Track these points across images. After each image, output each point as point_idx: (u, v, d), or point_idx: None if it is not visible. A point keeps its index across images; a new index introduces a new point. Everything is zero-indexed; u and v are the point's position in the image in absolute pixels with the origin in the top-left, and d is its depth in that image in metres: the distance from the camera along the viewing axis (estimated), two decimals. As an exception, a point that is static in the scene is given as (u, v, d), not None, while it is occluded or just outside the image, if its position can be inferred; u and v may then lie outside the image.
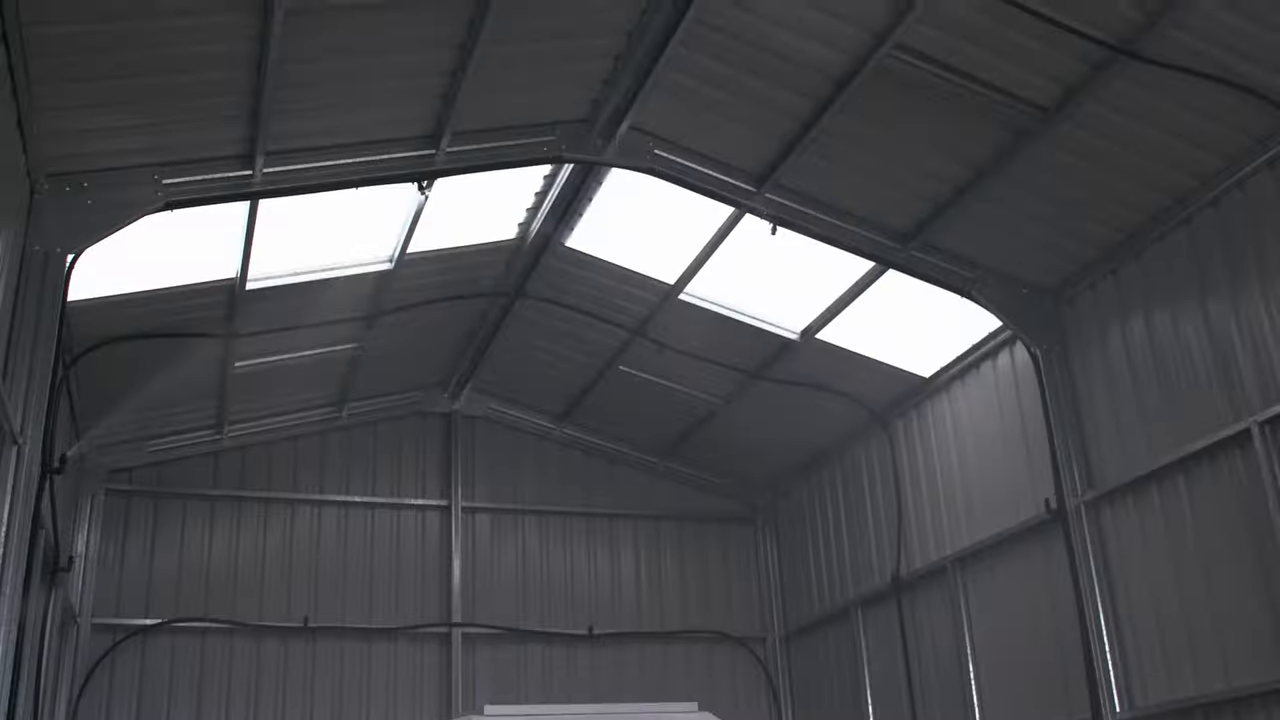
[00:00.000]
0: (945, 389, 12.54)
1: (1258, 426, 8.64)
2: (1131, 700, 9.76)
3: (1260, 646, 8.64)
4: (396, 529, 14.70)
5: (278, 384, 13.29)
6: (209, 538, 13.93)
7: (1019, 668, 11.20)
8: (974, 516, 11.94)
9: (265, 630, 13.74)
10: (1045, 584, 10.91)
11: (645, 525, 15.71)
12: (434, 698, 14.07)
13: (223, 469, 14.19)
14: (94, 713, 12.87)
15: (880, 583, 13.36)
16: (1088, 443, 10.48)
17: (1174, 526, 9.49)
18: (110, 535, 13.49)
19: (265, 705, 13.50)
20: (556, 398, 14.97)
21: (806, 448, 14.81)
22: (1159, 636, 9.55)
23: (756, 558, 15.96)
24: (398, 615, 14.27)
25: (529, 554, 15.12)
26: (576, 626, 14.83)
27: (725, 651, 15.41)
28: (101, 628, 13.14)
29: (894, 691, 13.07)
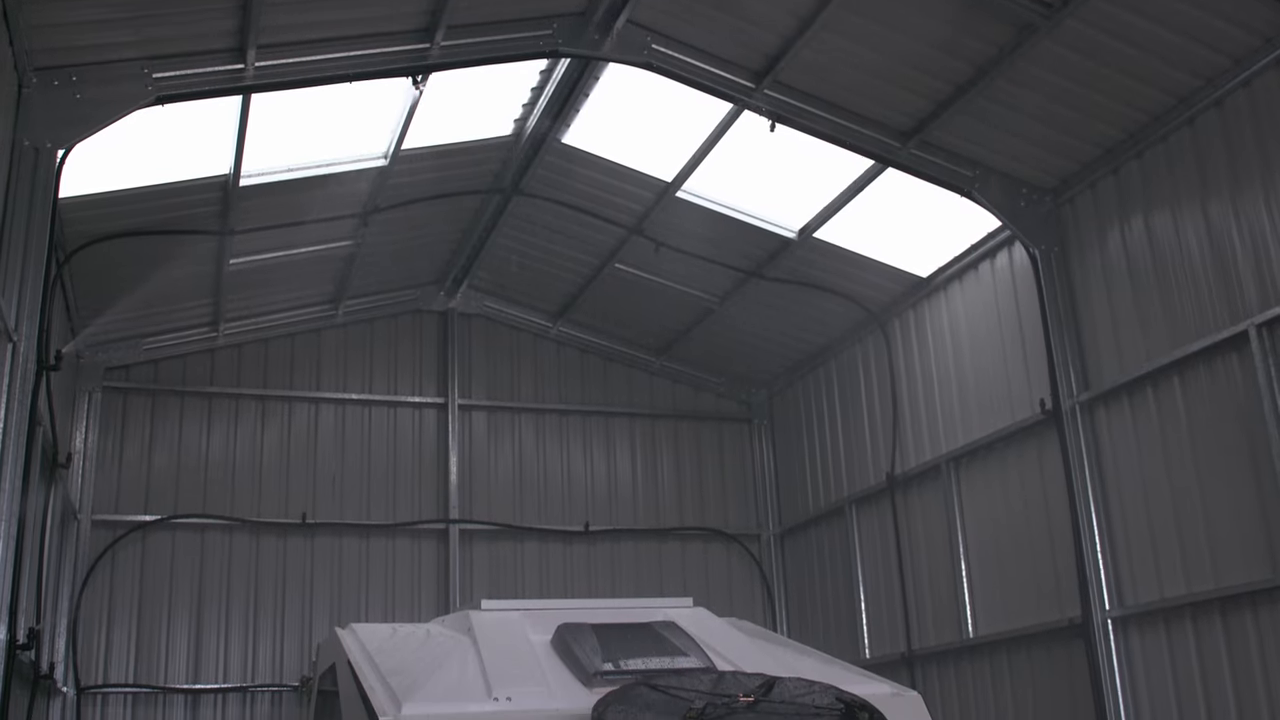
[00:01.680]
0: (943, 289, 12.51)
1: (1255, 329, 8.64)
2: (1121, 599, 9.90)
3: (1249, 548, 8.74)
4: (393, 427, 14.76)
5: (273, 282, 13.25)
6: (206, 435, 13.99)
7: (1011, 566, 11.33)
8: (969, 416, 11.99)
9: (264, 526, 13.86)
10: (1039, 484, 11.00)
11: (641, 423, 15.77)
12: (432, 593, 14.24)
13: (219, 366, 14.20)
14: (96, 607, 13.04)
15: (875, 481, 13.46)
16: (1084, 344, 10.49)
17: (1168, 428, 9.53)
18: (108, 432, 13.54)
19: (265, 600, 13.68)
20: (553, 296, 14.93)
21: (803, 347, 14.83)
22: (1150, 537, 9.65)
23: (752, 456, 16.06)
24: (395, 512, 14.38)
25: (525, 452, 15.20)
26: (573, 523, 14.97)
27: (720, 548, 15.57)
28: (101, 524, 13.24)
29: (887, 589, 13.24)
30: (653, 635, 8.40)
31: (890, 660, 12.75)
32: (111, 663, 13.01)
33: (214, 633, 13.43)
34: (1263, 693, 8.58)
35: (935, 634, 12.35)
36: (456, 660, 7.96)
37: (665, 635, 8.44)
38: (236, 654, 13.45)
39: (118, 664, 13.02)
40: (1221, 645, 8.95)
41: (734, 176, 11.78)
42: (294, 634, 13.66)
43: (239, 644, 13.49)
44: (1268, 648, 8.57)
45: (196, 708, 13.16)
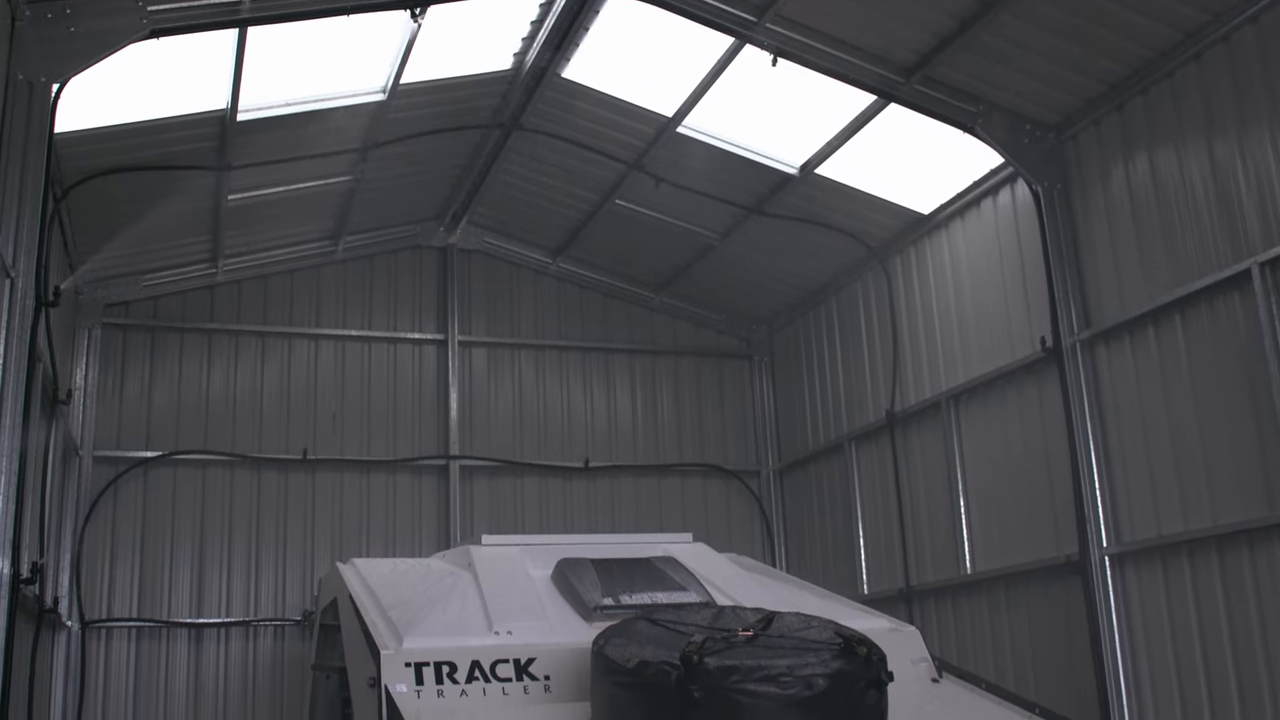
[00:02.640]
0: (944, 226, 12.45)
1: (1258, 267, 8.60)
2: (1119, 536, 9.94)
3: (1247, 486, 8.76)
4: (393, 363, 14.75)
5: (272, 218, 13.19)
6: (207, 371, 13.99)
7: (1009, 504, 11.37)
8: (969, 354, 11.98)
9: (265, 463, 13.90)
10: (1038, 422, 11.01)
11: (641, 360, 15.77)
12: (432, 528, 14.31)
13: (219, 303, 14.16)
14: (99, 543, 13.11)
15: (874, 418, 13.48)
16: (1086, 281, 10.45)
17: (1169, 367, 9.52)
18: (108, 369, 13.54)
19: (266, 535, 13.75)
20: (553, 232, 14.87)
21: (804, 284, 14.79)
22: (1148, 475, 9.67)
23: (751, 392, 16.08)
24: (395, 448, 14.42)
25: (525, 388, 15.21)
26: (573, 459, 15.01)
27: (719, 485, 15.63)
28: (103, 460, 13.28)
29: (885, 525, 13.30)
30: (652, 570, 8.46)
31: (888, 596, 12.83)
32: (115, 597, 13.10)
33: (216, 568, 13.52)
34: (1257, 629, 8.65)
35: (933, 570, 12.42)
36: (457, 595, 8.01)
37: (665, 570, 8.49)
38: (239, 589, 13.54)
39: (121, 598, 13.11)
40: (1217, 582, 9.00)
41: (735, 112, 11.67)
42: (296, 569, 13.75)
43: (241, 579, 13.58)
44: (1263, 585, 8.62)
45: (200, 641, 13.27)
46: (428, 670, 6.86)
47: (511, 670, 7.04)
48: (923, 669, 7.86)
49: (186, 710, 13.03)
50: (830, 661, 6.19)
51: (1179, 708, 9.29)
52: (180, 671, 13.12)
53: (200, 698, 13.10)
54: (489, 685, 6.93)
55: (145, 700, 12.95)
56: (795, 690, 5.96)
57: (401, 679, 6.75)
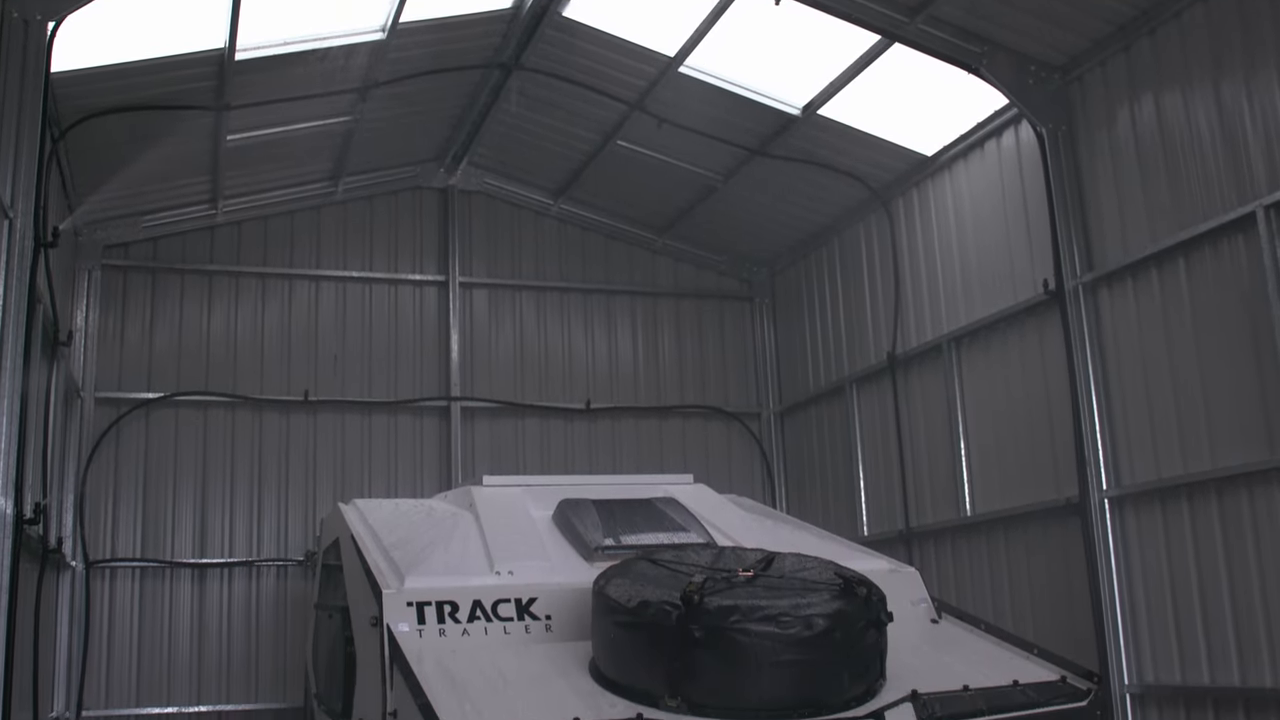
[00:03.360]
0: (947, 168, 12.38)
1: (1263, 210, 8.55)
2: (1119, 479, 9.96)
3: (1247, 429, 8.77)
4: (394, 304, 14.73)
5: (271, 158, 13.12)
6: (207, 313, 13.97)
7: (1009, 446, 11.39)
8: (971, 296, 11.95)
9: (266, 404, 13.92)
10: (1039, 365, 11.00)
11: (642, 301, 15.74)
12: (434, 469, 14.36)
13: (219, 244, 14.12)
14: (102, 484, 13.16)
15: (875, 361, 13.48)
16: (1089, 224, 10.40)
17: (1171, 310, 9.50)
18: (109, 310, 13.52)
19: (269, 476, 13.80)
20: (554, 173, 14.79)
21: (806, 226, 14.73)
22: (1149, 418, 9.68)
23: (753, 335, 16.07)
24: (397, 390, 14.43)
25: (526, 329, 15.20)
26: (574, 401, 15.03)
27: (720, 426, 15.66)
28: (105, 402, 13.30)
29: (886, 467, 13.33)
30: (653, 511, 8.49)
31: (888, 537, 12.89)
32: (119, 538, 13.17)
33: (219, 508, 13.58)
34: (1255, 571, 8.69)
35: (933, 512, 12.47)
36: (458, 535, 8.05)
37: (665, 511, 8.52)
38: (241, 529, 13.61)
39: (124, 539, 13.18)
40: (1216, 525, 9.03)
41: (738, 52, 11.56)
42: (298, 510, 13.81)
43: (244, 519, 13.64)
44: (1261, 528, 8.65)
45: (203, 581, 13.36)
46: (429, 610, 6.90)
47: (513, 610, 7.09)
48: (922, 610, 7.92)
49: (191, 648, 13.14)
50: (830, 602, 6.23)
51: (1175, 649, 9.36)
52: (184, 611, 13.22)
53: (204, 637, 13.21)
54: (490, 625, 6.98)
55: (150, 639, 13.05)
56: (795, 630, 6.00)
57: (403, 618, 6.80)
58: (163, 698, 12.97)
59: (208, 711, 13.07)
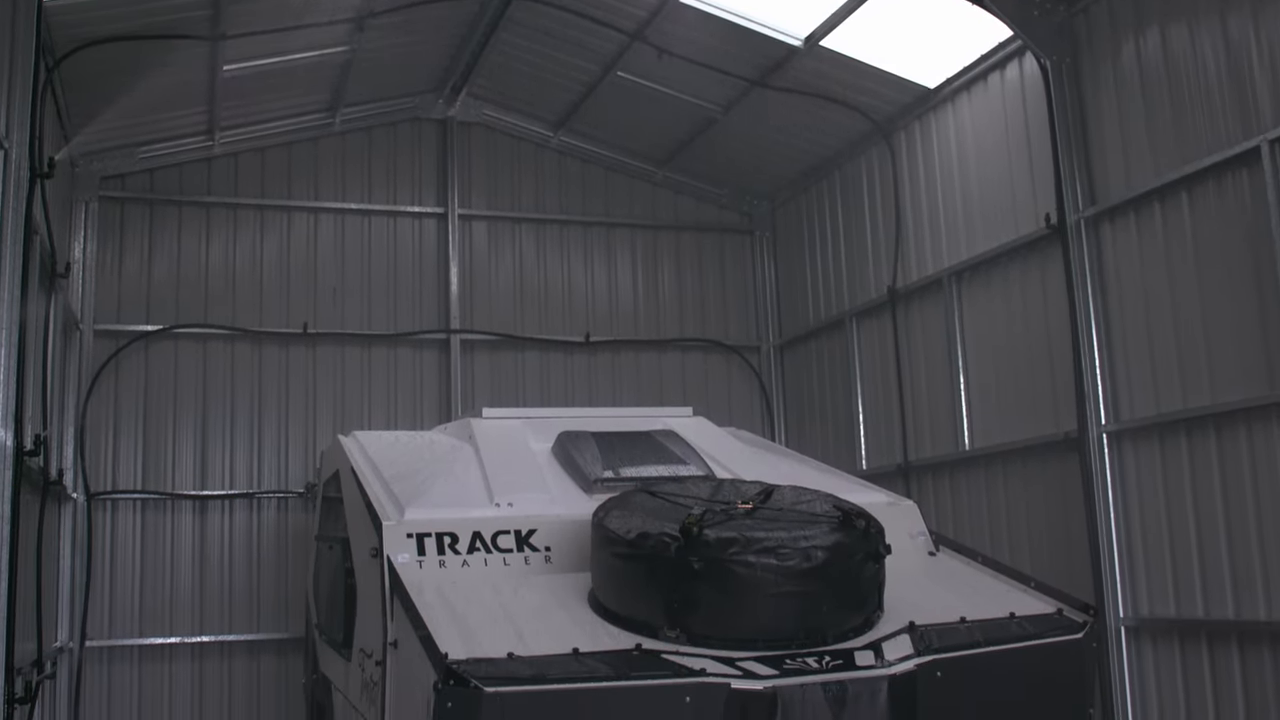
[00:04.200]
0: (950, 100, 12.27)
1: (1267, 145, 8.48)
2: (1117, 414, 9.97)
3: (1247, 365, 8.76)
4: (393, 236, 14.67)
5: (269, 89, 12.99)
6: (205, 245, 13.92)
7: (1009, 381, 11.39)
8: (973, 230, 11.90)
9: (265, 336, 13.90)
10: (1040, 300, 10.98)
11: (642, 234, 15.68)
12: (434, 401, 14.37)
13: (216, 176, 14.03)
14: (102, 416, 13.18)
15: (876, 295, 13.45)
16: (1092, 158, 10.33)
17: (1173, 245, 9.45)
18: (107, 242, 13.47)
19: (269, 409, 13.82)
20: (554, 105, 14.66)
21: (807, 159, 14.64)
22: (1149, 353, 9.67)
23: (753, 268, 16.02)
24: (396, 322, 14.42)
25: (526, 262, 15.15)
26: (573, 334, 15.01)
27: (720, 360, 15.66)
28: (104, 334, 13.28)
29: (885, 402, 13.35)
30: (652, 443, 8.51)
31: (887, 471, 12.93)
32: (120, 470, 13.21)
33: (219, 440, 13.61)
34: (1251, 506, 8.72)
35: (932, 446, 12.50)
36: (458, 467, 8.07)
37: (665, 443, 8.54)
38: (242, 461, 13.65)
39: (126, 471, 13.23)
40: (1214, 460, 9.05)
41: (739, -19, 11.45)
42: (298, 442, 13.84)
43: (244, 451, 13.68)
44: (1259, 463, 8.67)
45: (204, 513, 13.42)
46: (429, 541, 6.94)
47: (512, 541, 7.12)
48: (920, 542, 7.96)
49: (192, 579, 13.23)
50: (828, 534, 6.25)
51: (1171, 583, 9.42)
52: (185, 542, 13.30)
53: (206, 568, 13.30)
54: (490, 556, 7.02)
55: (152, 570, 13.14)
56: (794, 562, 6.03)
57: (403, 549, 6.83)
58: (165, 628, 13.08)
59: (210, 641, 13.19)
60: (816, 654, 6.03)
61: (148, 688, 12.94)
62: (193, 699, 13.05)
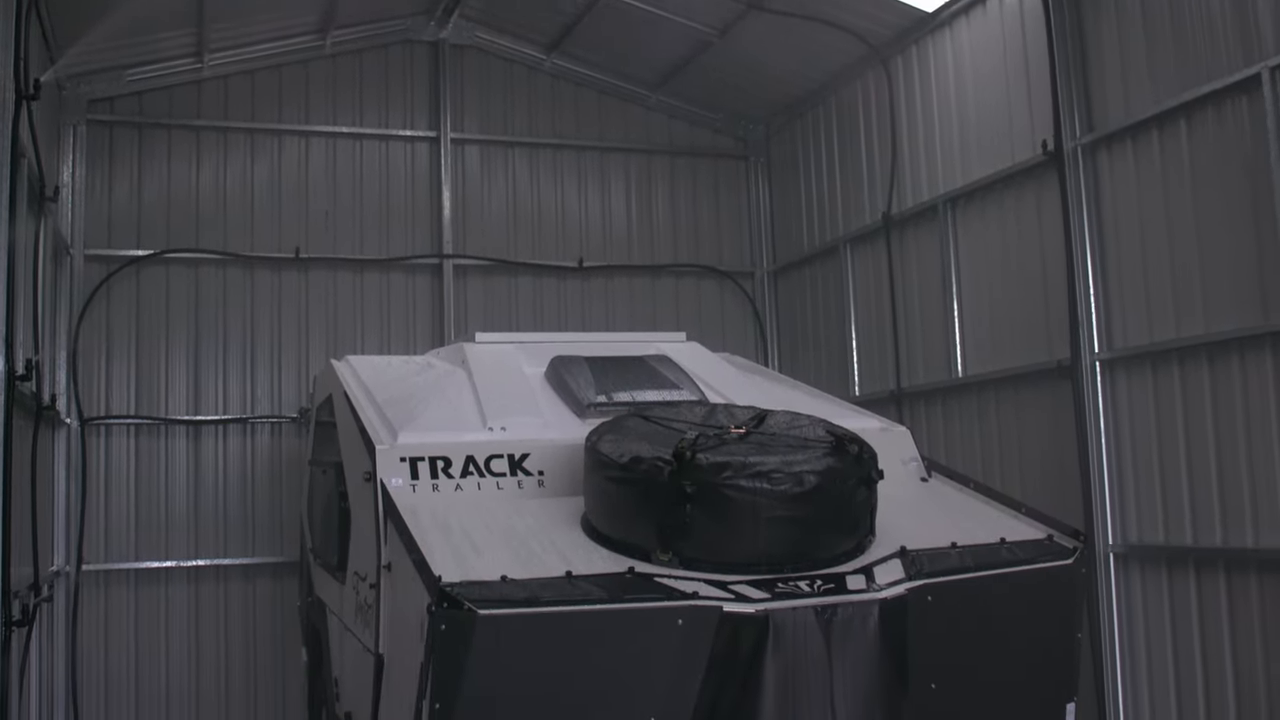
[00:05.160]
0: (948, 25, 12.13)
1: (1268, 71, 8.40)
2: (1111, 342, 9.97)
3: (1241, 294, 8.75)
4: (385, 160, 14.55)
5: (258, 9, 12.82)
6: (195, 170, 13.80)
7: (1003, 309, 11.38)
8: (969, 157, 11.82)
9: (257, 261, 13.83)
10: (1035, 227, 10.93)
11: (636, 159, 15.57)
12: (426, 327, 14.35)
13: (205, 99, 13.87)
14: (94, 342, 13.14)
15: (871, 221, 13.39)
16: (1091, 84, 10.23)
17: (1171, 172, 9.40)
18: (96, 166, 13.34)
19: (261, 334, 13.78)
20: (547, 27, 14.48)
21: (802, 84, 14.49)
22: (1143, 282, 9.65)
23: (747, 194, 15.94)
24: (388, 247, 14.34)
25: (519, 187, 15.05)
26: (566, 259, 14.96)
27: (713, 286, 15.63)
28: (94, 259, 13.20)
29: (878, 328, 13.34)
30: (646, 368, 8.49)
31: (879, 397, 12.96)
32: (113, 395, 13.20)
33: (212, 366, 13.59)
34: (1242, 435, 8.75)
35: (924, 373, 12.52)
36: (451, 391, 8.05)
37: (658, 368, 8.52)
38: (235, 386, 13.64)
39: (119, 396, 13.22)
40: (1206, 389, 9.06)
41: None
42: (291, 367, 13.82)
43: (237, 377, 13.66)
44: (1251, 393, 8.69)
45: (198, 438, 13.43)
46: (422, 465, 6.94)
47: (505, 465, 7.12)
48: (912, 468, 7.97)
49: (187, 504, 13.28)
50: (821, 459, 6.25)
51: (1160, 510, 9.47)
52: (180, 467, 13.33)
53: (200, 493, 13.34)
54: (483, 480, 7.02)
55: (146, 495, 13.18)
56: (786, 486, 6.04)
57: (396, 473, 6.83)
58: (161, 552, 13.14)
59: (206, 565, 13.26)
60: (808, 578, 6.05)
61: (144, 611, 13.03)
62: (189, 622, 13.15)
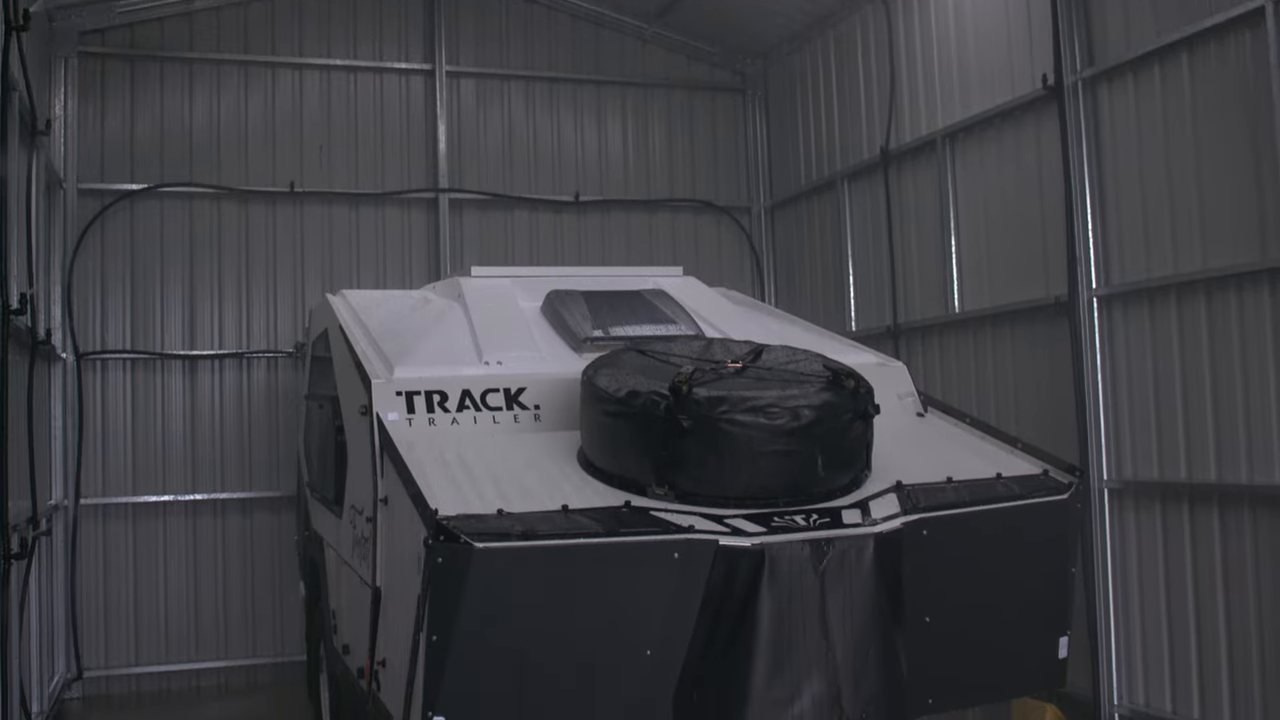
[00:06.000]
0: (949, -44, 12.00)
1: (1271, 4, 8.29)
2: (1108, 278, 9.95)
3: (1239, 231, 8.71)
4: (380, 94, 14.42)
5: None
6: (188, 103, 13.67)
7: (1000, 244, 11.34)
8: (968, 91, 11.72)
9: (252, 195, 13.75)
10: (1034, 162, 10.86)
11: (633, 93, 15.44)
12: (422, 261, 14.30)
13: (198, 31, 13.72)
14: (89, 276, 13.10)
15: (869, 156, 13.30)
16: (1092, 17, 10.12)
17: (1172, 107, 9.32)
18: (88, 99, 13.22)
19: (256, 268, 13.73)
20: (542, -41, 14.33)
21: (801, 17, 14.34)
22: (1142, 218, 9.61)
23: (744, 129, 15.84)
24: (384, 181, 14.25)
25: (515, 121, 14.94)
26: (563, 193, 14.88)
27: (710, 221, 15.57)
28: (88, 193, 13.12)
29: (875, 264, 13.31)
30: (642, 302, 8.46)
31: (876, 333, 12.95)
32: (108, 330, 13.18)
33: (207, 301, 13.56)
34: (1238, 372, 8.75)
35: (921, 309, 12.50)
36: (447, 325, 8.03)
37: (655, 303, 8.50)
38: (231, 321, 13.62)
39: (114, 331, 13.20)
40: (1203, 325, 9.06)
41: None
42: (287, 302, 13.79)
43: (233, 312, 13.63)
44: (1247, 329, 8.68)
45: (194, 373, 13.43)
46: (418, 399, 6.93)
47: (502, 399, 7.12)
48: (908, 403, 7.97)
49: (184, 439, 13.30)
50: (818, 394, 6.25)
51: (1155, 446, 9.50)
52: (176, 402, 13.34)
53: (197, 427, 13.36)
54: (479, 414, 7.02)
55: (143, 430, 13.20)
56: (782, 421, 6.04)
57: (392, 407, 6.82)
58: (158, 486, 13.19)
59: (203, 499, 13.31)
60: (804, 512, 6.07)
61: (142, 544, 13.10)
62: (187, 555, 13.22)
